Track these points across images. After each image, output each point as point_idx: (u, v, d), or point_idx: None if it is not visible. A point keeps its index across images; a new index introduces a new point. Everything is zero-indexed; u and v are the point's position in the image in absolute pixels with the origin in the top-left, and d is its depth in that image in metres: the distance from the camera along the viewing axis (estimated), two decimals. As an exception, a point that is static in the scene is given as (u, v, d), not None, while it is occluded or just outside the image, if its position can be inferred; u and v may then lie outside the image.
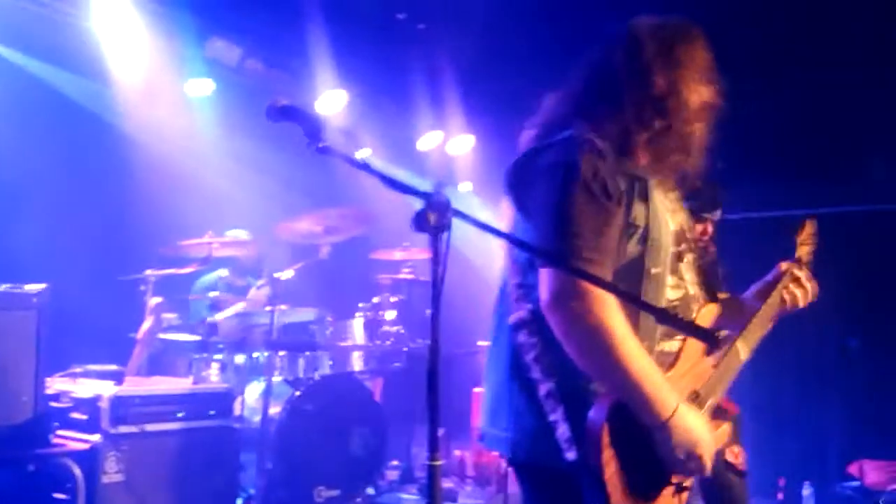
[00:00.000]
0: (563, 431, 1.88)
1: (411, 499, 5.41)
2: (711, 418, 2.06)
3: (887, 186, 5.96)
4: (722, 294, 2.32)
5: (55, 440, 3.70)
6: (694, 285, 2.12)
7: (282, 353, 5.25)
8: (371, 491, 5.28)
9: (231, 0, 5.42)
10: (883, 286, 5.99)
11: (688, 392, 2.01)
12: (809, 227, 2.51)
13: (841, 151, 5.97)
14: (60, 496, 3.62)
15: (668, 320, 1.79)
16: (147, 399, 4.00)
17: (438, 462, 1.63)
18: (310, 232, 5.42)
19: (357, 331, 5.62)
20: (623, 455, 1.85)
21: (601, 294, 1.82)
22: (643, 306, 1.86)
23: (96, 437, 3.76)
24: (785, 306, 2.31)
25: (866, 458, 5.64)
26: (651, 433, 1.88)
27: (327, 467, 4.90)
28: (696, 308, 2.10)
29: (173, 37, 5.32)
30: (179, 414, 4.11)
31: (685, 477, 1.98)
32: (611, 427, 1.83)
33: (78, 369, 4.34)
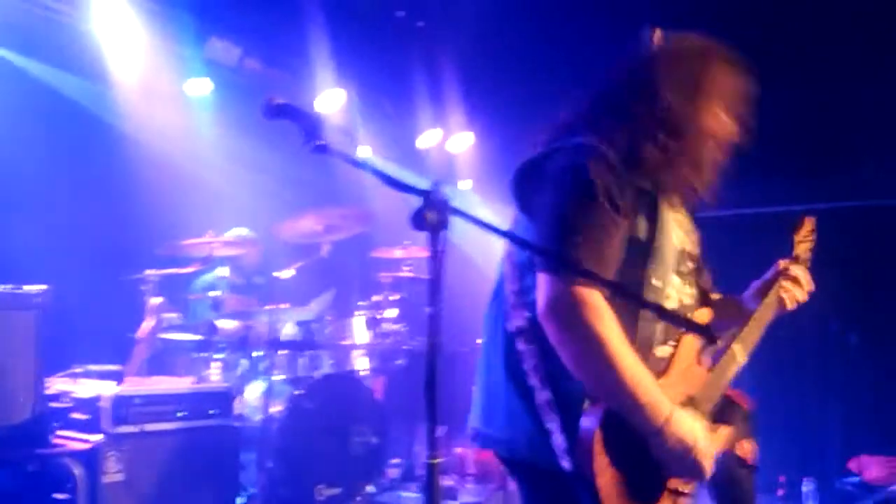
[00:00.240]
0: (559, 441, 1.87)
1: (412, 497, 5.40)
2: (712, 422, 2.05)
3: (883, 181, 5.95)
4: (715, 295, 2.31)
5: (55, 440, 3.71)
6: (691, 297, 2.12)
7: (282, 353, 5.26)
8: (372, 489, 5.27)
9: (230, 0, 5.43)
10: (882, 282, 5.98)
11: (682, 397, 2.00)
12: (808, 225, 2.50)
13: (835, 147, 5.96)
14: (61, 496, 3.62)
15: (666, 316, 1.79)
16: (148, 399, 4.00)
17: (437, 460, 1.63)
18: (310, 231, 5.42)
19: (358, 329, 5.61)
20: (617, 463, 1.85)
21: (597, 303, 1.83)
22: (641, 302, 1.86)
23: (97, 437, 3.76)
24: (783, 306, 2.31)
25: (866, 454, 5.64)
26: (646, 440, 1.87)
27: (328, 466, 4.90)
28: (691, 315, 2.10)
29: (172, 37, 5.33)
30: (180, 413, 4.11)
31: (683, 482, 1.97)
32: (603, 435, 1.83)
33: (78, 369, 4.35)
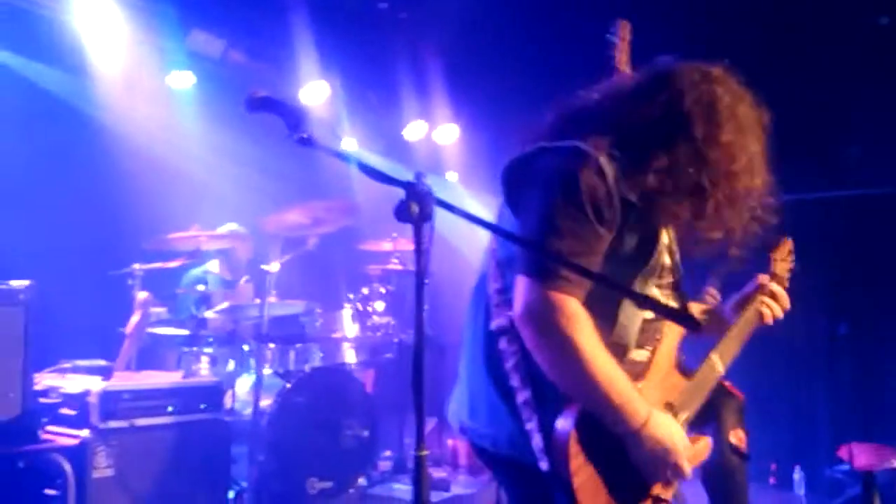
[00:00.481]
0: (538, 441, 1.88)
1: (404, 489, 5.40)
2: (693, 428, 2.06)
3: (870, 170, 5.96)
4: (695, 305, 2.33)
5: (44, 436, 3.69)
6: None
7: (272, 346, 5.25)
8: (363, 482, 5.28)
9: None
10: (872, 272, 5.99)
11: (660, 405, 2.00)
12: (786, 246, 2.52)
13: (821, 136, 5.96)
14: (51, 492, 3.61)
15: (650, 305, 1.79)
16: (136, 393, 3.98)
17: (424, 452, 1.63)
18: (297, 224, 5.40)
19: (347, 322, 5.61)
20: (595, 464, 1.85)
21: (573, 309, 1.83)
22: (626, 292, 1.86)
23: (86, 433, 3.75)
24: (762, 320, 2.34)
25: (856, 442, 5.68)
26: (623, 442, 1.88)
27: (319, 459, 4.90)
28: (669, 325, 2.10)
29: (154, 29, 5.28)
30: (169, 408, 4.09)
31: (663, 485, 1.97)
32: (580, 436, 1.84)
33: (66, 364, 4.33)
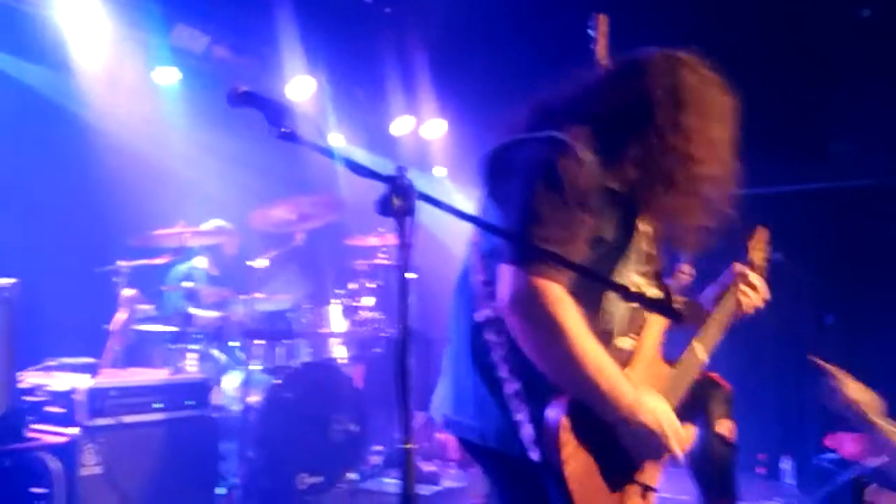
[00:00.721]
0: (528, 432, 1.87)
1: (394, 483, 5.40)
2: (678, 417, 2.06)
3: (858, 162, 5.99)
4: (677, 297, 2.33)
5: (30, 434, 3.68)
6: (654, 296, 2.12)
7: (260, 342, 5.24)
8: (354, 476, 5.28)
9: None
10: (858, 263, 6.02)
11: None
12: (761, 235, 2.54)
13: (806, 129, 5.98)
14: (39, 490, 3.60)
15: (632, 297, 1.79)
16: (123, 390, 3.98)
17: (411, 445, 1.64)
18: (283, 220, 5.39)
19: (335, 317, 5.60)
20: (586, 453, 1.86)
21: (559, 295, 1.83)
22: (607, 284, 1.86)
23: (73, 430, 3.74)
24: (742, 309, 2.35)
25: (843, 431, 5.71)
26: (614, 428, 1.88)
27: (309, 454, 4.89)
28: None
29: (137, 24, 5.25)
30: (157, 405, 4.09)
31: (652, 477, 1.98)
32: (570, 425, 1.84)
33: (52, 362, 4.32)
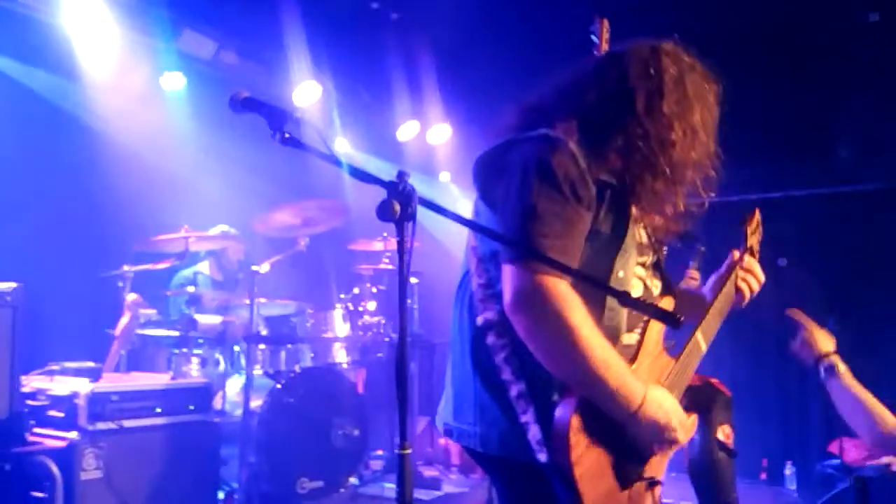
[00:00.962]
0: (535, 433, 1.86)
1: (395, 488, 5.40)
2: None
3: (860, 166, 5.98)
4: (679, 288, 2.32)
5: (32, 438, 3.68)
6: (657, 288, 2.12)
7: (262, 347, 5.25)
8: (355, 481, 5.28)
9: (203, -8, 5.39)
10: (863, 267, 6.02)
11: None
12: (757, 216, 2.54)
13: (812, 133, 5.97)
14: (39, 494, 3.60)
15: (631, 303, 1.79)
16: (125, 395, 3.97)
17: (408, 450, 1.64)
18: (287, 224, 5.40)
19: (338, 322, 5.61)
20: (594, 451, 1.84)
21: (564, 292, 1.81)
22: (606, 289, 1.86)
23: (74, 435, 3.74)
24: (741, 295, 2.34)
25: (846, 437, 5.70)
26: (623, 425, 1.86)
27: (310, 459, 4.90)
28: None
29: (145, 30, 5.27)
30: (158, 409, 4.09)
31: (657, 471, 1.97)
32: (578, 424, 1.82)
33: (55, 367, 4.31)
